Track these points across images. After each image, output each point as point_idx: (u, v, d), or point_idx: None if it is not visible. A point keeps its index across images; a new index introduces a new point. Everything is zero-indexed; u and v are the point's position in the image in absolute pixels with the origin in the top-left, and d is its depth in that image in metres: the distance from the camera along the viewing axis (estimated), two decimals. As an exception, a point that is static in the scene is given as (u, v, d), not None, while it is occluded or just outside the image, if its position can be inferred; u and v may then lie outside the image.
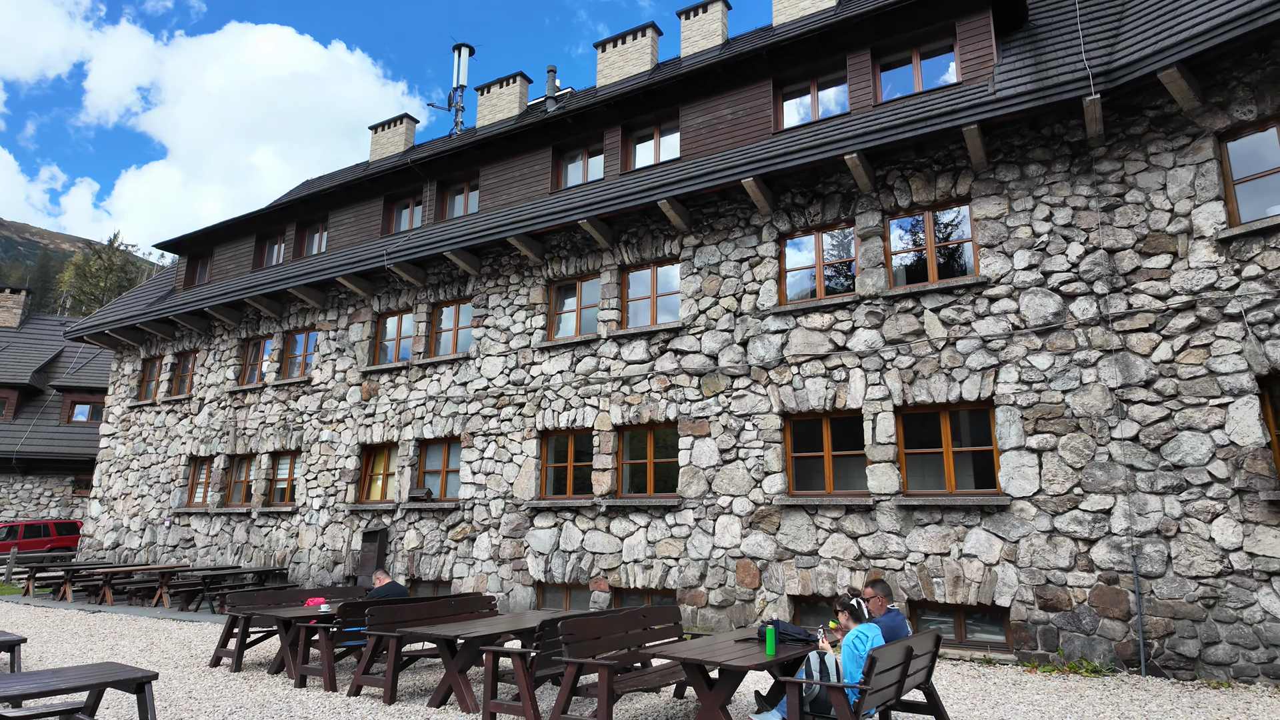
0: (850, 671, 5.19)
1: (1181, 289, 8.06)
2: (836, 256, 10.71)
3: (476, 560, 12.58)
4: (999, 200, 9.39)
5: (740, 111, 11.79)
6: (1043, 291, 8.88)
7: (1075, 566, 8.14)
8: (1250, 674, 7.14)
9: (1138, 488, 7.98)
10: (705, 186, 11.02)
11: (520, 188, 13.90)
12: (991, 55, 9.85)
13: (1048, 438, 8.54)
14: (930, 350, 9.45)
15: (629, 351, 11.84)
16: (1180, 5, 8.50)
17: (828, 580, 9.52)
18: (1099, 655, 7.84)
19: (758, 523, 10.19)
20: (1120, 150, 8.76)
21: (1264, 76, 7.84)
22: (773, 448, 10.29)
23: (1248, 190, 8.00)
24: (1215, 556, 7.47)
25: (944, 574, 8.82)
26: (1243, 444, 7.47)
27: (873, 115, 10.32)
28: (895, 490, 9.30)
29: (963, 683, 7.39)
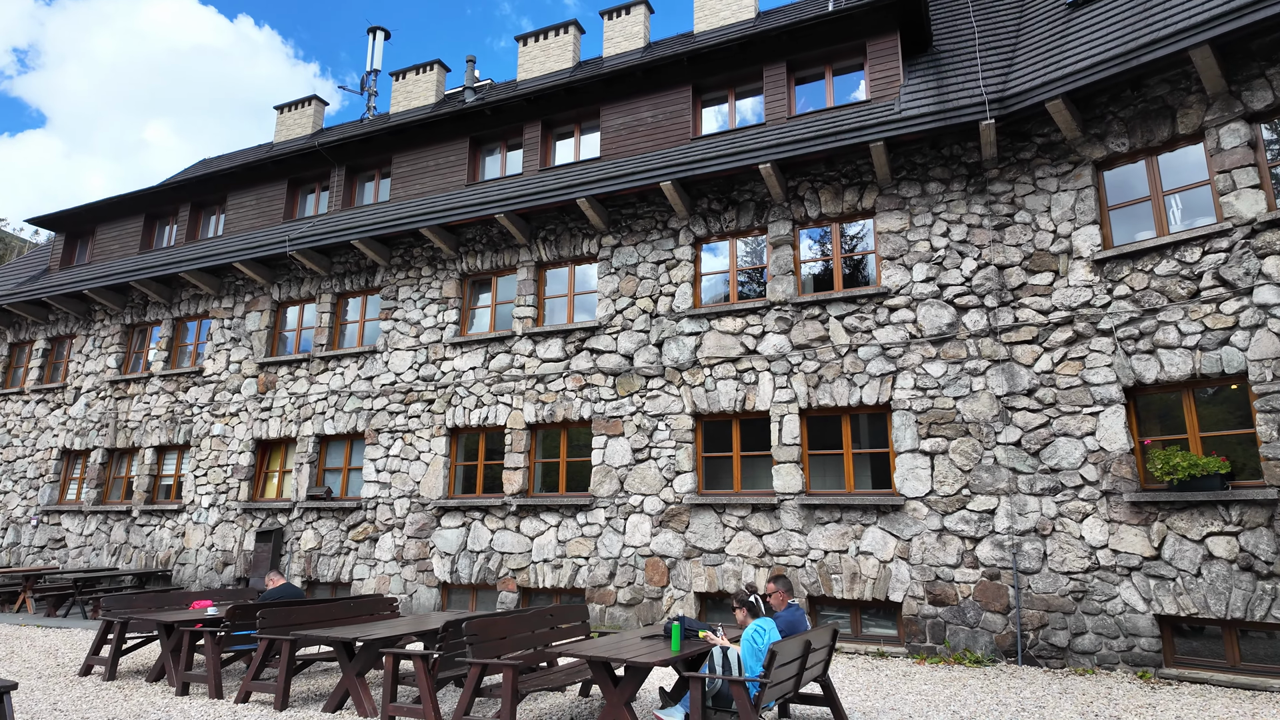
0: (750, 665, 5.33)
1: (1061, 305, 8.69)
2: (750, 263, 10.98)
3: (379, 561, 12.18)
4: (901, 215, 9.86)
5: (660, 115, 11.91)
6: (938, 303, 9.38)
7: (962, 563, 8.64)
8: (1112, 661, 7.78)
9: (1019, 489, 8.56)
10: (625, 187, 11.07)
11: (435, 178, 13.57)
12: (898, 76, 10.34)
13: (939, 441, 9.03)
14: (834, 356, 9.82)
15: (545, 349, 11.75)
16: (1067, 41, 9.17)
17: (733, 577, 9.74)
18: (981, 647, 8.35)
19: (668, 521, 10.31)
20: (1011, 173, 9.36)
21: (1136, 113, 8.55)
22: (684, 448, 10.44)
23: (1120, 216, 8.71)
24: (1085, 554, 8.10)
25: (842, 571, 9.19)
26: (1111, 450, 8.13)
27: (787, 127, 10.64)
28: (799, 490, 9.61)
29: (857, 675, 7.72)
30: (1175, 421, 8.01)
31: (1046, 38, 9.65)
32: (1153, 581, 7.66)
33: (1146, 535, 7.76)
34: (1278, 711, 6.24)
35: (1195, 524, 7.50)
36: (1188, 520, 7.54)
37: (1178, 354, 7.82)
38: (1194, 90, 8.16)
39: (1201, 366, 7.65)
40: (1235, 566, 7.23)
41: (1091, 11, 9.44)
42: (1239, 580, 7.19)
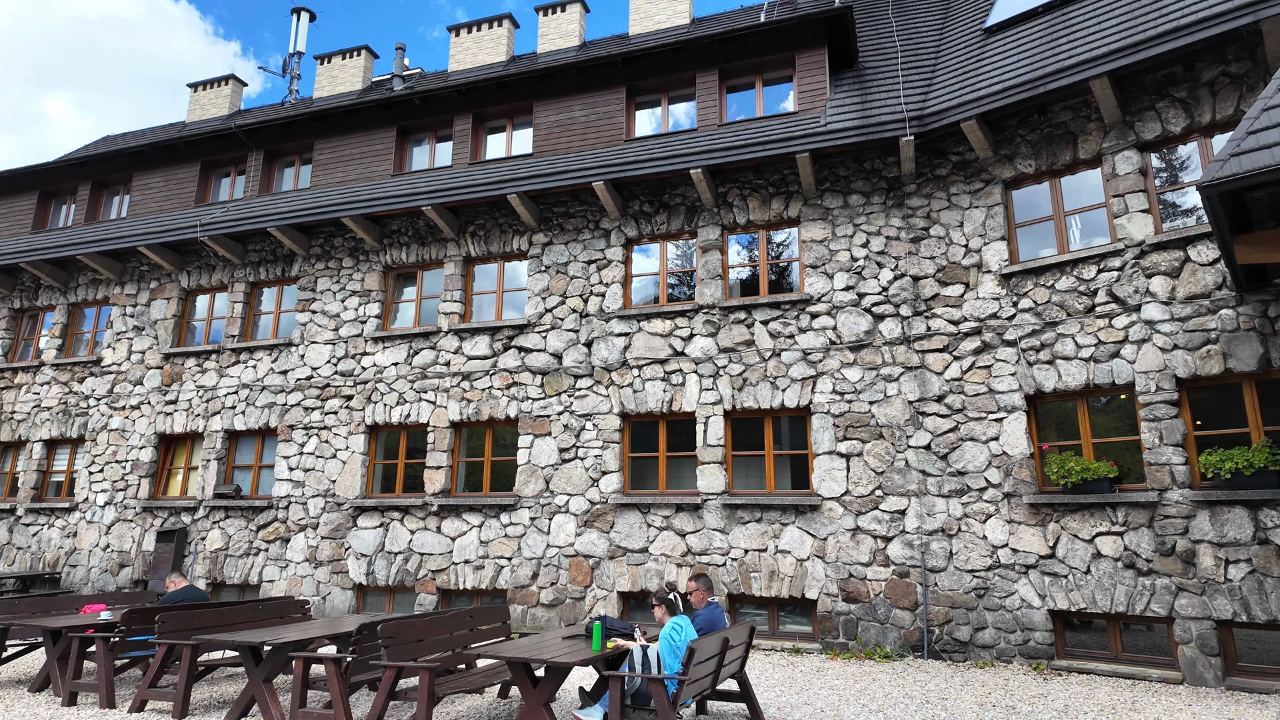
0: (668, 663, 5.40)
1: (970, 316, 9.15)
2: (680, 265, 11.10)
3: (290, 562, 11.73)
4: (824, 225, 10.17)
5: (594, 115, 11.91)
6: (857, 311, 9.72)
7: (874, 562, 8.98)
8: (1009, 654, 8.23)
9: (928, 491, 8.95)
10: (557, 185, 11.02)
11: (359, 166, 13.17)
12: (825, 90, 10.66)
13: (855, 444, 9.36)
14: (759, 360, 10.04)
15: (471, 346, 11.57)
16: (981, 65, 9.65)
17: (656, 576, 9.83)
18: (891, 642, 8.70)
19: (593, 521, 10.32)
20: (928, 189, 9.79)
21: (1042, 137, 9.09)
22: (611, 448, 10.47)
23: (1026, 233, 9.23)
24: (987, 552, 8.54)
25: (761, 569, 9.40)
26: (1012, 454, 8.60)
27: (718, 134, 10.81)
28: (722, 490, 9.78)
29: (773, 671, 7.92)
30: (1071, 428, 8.55)
31: (963, 61, 10.14)
32: (1047, 579, 8.15)
33: (1043, 535, 8.25)
34: (1154, 698, 6.74)
35: (1086, 524, 8.02)
36: (1079, 521, 8.06)
37: (1074, 365, 8.35)
38: (1094, 118, 8.72)
39: (1095, 377, 8.19)
40: (1120, 564, 7.77)
41: (1005, 38, 9.97)
42: (1123, 577, 7.73)
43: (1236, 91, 7.82)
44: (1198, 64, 8.09)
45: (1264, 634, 7.10)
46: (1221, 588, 7.16)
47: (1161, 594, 7.47)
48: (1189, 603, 7.31)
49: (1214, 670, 7.10)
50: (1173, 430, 7.66)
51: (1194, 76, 8.11)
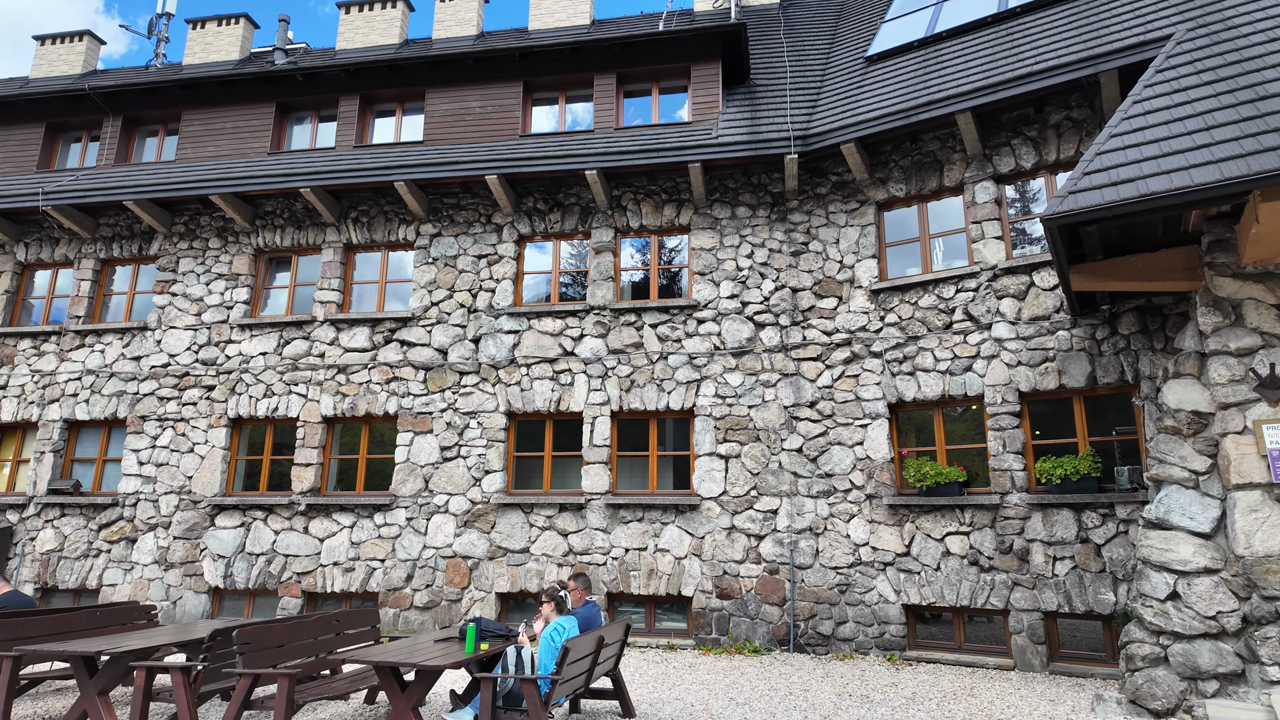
0: (545, 663, 5.41)
1: (842, 328, 9.69)
2: (573, 265, 11.10)
3: (136, 565, 10.81)
4: (713, 234, 10.48)
5: (490, 107, 11.71)
6: (740, 319, 10.08)
7: (747, 559, 9.33)
8: (867, 646, 8.77)
9: (799, 492, 9.40)
10: (448, 175, 10.76)
11: (233, 142, 12.33)
12: (718, 103, 10.98)
13: (734, 446, 9.69)
14: (646, 362, 10.21)
15: (349, 338, 11.09)
16: (862, 92, 10.24)
17: (536, 577, 9.78)
18: (760, 637, 9.06)
19: (473, 521, 10.14)
20: (809, 205, 10.29)
21: (913, 163, 9.75)
22: (496, 446, 10.33)
23: (895, 252, 9.88)
24: (849, 550, 9.07)
25: (640, 567, 9.56)
26: (875, 458, 9.18)
27: (614, 137, 10.91)
28: (606, 490, 9.87)
29: (648, 668, 8.07)
30: (927, 435, 9.22)
31: (846, 86, 10.72)
32: (902, 575, 8.75)
33: (900, 534, 8.85)
34: (990, 684, 7.38)
35: (938, 524, 8.67)
36: (932, 521, 8.71)
37: (932, 377, 9.01)
38: (958, 149, 9.46)
39: (949, 389, 8.88)
40: (965, 561, 8.46)
41: (884, 67, 10.63)
42: (968, 573, 8.41)
43: (1078, 135, 8.71)
44: (1047, 107, 8.94)
45: (1083, 623, 7.93)
46: (1049, 582, 7.94)
47: (1000, 589, 8.19)
48: (1022, 596, 8.06)
49: (1040, 657, 7.86)
50: (1014, 439, 8.42)
51: (1044, 118, 8.96)
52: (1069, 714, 6.16)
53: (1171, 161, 5.77)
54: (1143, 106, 6.64)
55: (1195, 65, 6.91)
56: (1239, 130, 5.76)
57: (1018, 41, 9.31)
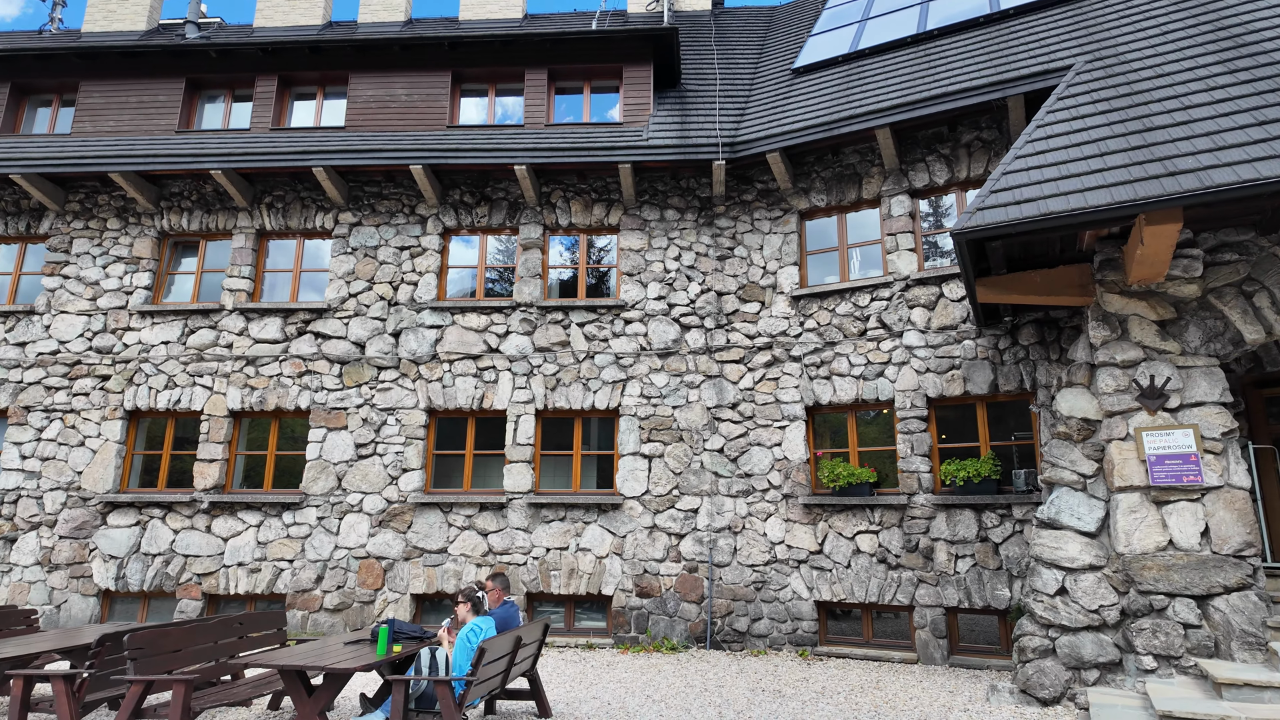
0: (460, 664, 5.32)
1: (764, 332, 9.92)
2: (500, 261, 10.95)
3: (15, 566, 10.03)
4: (641, 235, 10.54)
5: (416, 96, 11.43)
6: (667, 320, 10.18)
7: (667, 558, 9.43)
8: (780, 642, 9.00)
9: (719, 491, 9.57)
10: (371, 163, 10.45)
11: (137, 117, 11.61)
12: (649, 105, 11.06)
13: (658, 446, 9.78)
14: (573, 361, 10.18)
15: (260, 328, 10.60)
16: (788, 103, 10.51)
17: (454, 577, 9.61)
18: (678, 635, 9.18)
19: (389, 521, 9.87)
20: (735, 211, 10.49)
21: (834, 175, 10.08)
22: (414, 444, 10.08)
23: (815, 260, 10.18)
24: (766, 549, 9.29)
25: (561, 567, 9.52)
26: (792, 459, 9.44)
27: (544, 133, 10.83)
28: (528, 489, 9.79)
29: (566, 667, 8.05)
30: (842, 437, 9.54)
31: (773, 96, 10.98)
32: (815, 572, 9.02)
33: (814, 533, 9.13)
34: (895, 677, 7.70)
35: (849, 523, 8.99)
36: (844, 520, 9.02)
37: (847, 381, 9.34)
38: (876, 164, 9.83)
39: (863, 393, 9.22)
40: (874, 559, 8.80)
41: (810, 80, 10.94)
42: (876, 571, 8.75)
43: (987, 155, 9.19)
44: (959, 127, 9.40)
45: (981, 618, 8.38)
46: (952, 579, 8.35)
47: (906, 585, 8.56)
48: (926, 593, 8.44)
49: (942, 650, 8.26)
50: (922, 442, 8.81)
51: (956, 138, 9.42)
52: (966, 704, 6.50)
53: (1069, 184, 6.17)
54: (1044, 131, 7.07)
55: (1092, 95, 7.41)
56: (1128, 158, 6.21)
57: (934, 63, 9.76)
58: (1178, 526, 6.06)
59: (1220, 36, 7.57)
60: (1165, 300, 6.45)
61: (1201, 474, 6.04)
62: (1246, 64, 6.92)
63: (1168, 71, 7.32)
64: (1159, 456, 6.17)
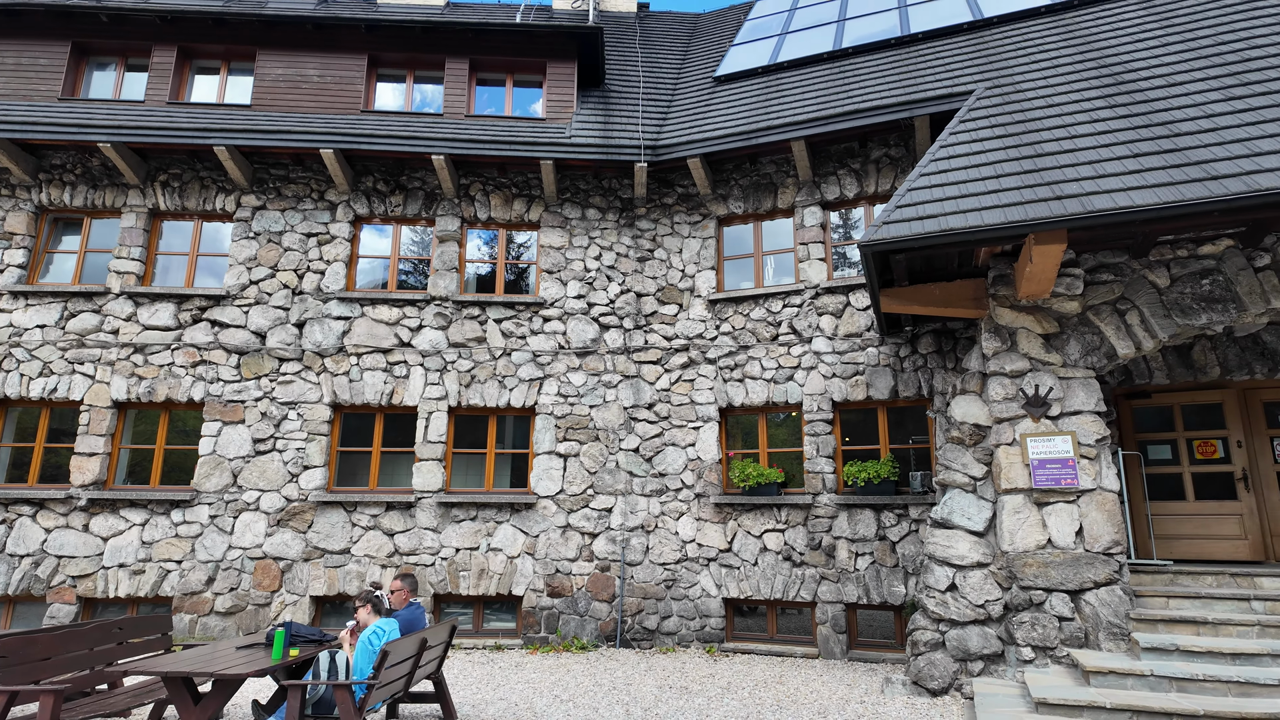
0: (362, 668, 5.15)
1: (681, 334, 10.06)
2: (415, 253, 10.66)
3: None
4: (563, 233, 10.49)
5: (330, 78, 10.99)
6: (586, 319, 10.17)
7: (580, 557, 9.42)
8: (689, 639, 9.15)
9: (633, 490, 9.64)
10: (279, 145, 9.98)
11: (14, 80, 10.67)
12: (573, 103, 11.02)
13: (574, 445, 9.76)
14: (489, 358, 10.02)
15: (150, 314, 9.94)
16: (709, 110, 10.70)
17: (357, 579, 9.29)
18: (588, 634, 9.18)
19: (288, 520, 9.44)
20: (656, 214, 10.59)
21: (752, 183, 10.32)
22: (317, 440, 9.69)
23: (732, 266, 10.40)
24: (677, 547, 9.42)
25: (471, 567, 9.36)
26: (705, 459, 9.61)
27: (464, 124, 10.62)
28: (439, 488, 9.57)
29: (473, 669, 7.92)
30: (752, 438, 9.79)
31: (695, 102, 11.15)
32: (724, 570, 9.22)
33: (724, 531, 9.32)
34: (797, 671, 7.96)
35: (758, 522, 9.23)
36: (752, 519, 9.25)
37: (759, 384, 9.59)
38: (791, 174, 10.13)
39: (773, 396, 9.48)
40: (780, 557, 9.07)
41: (731, 89, 11.17)
42: (782, 568, 9.03)
43: (894, 171, 9.63)
44: (870, 143, 9.81)
45: (878, 613, 8.77)
46: (852, 576, 8.70)
47: (809, 582, 8.86)
48: (828, 589, 8.76)
49: (841, 645, 8.59)
50: (827, 444, 9.15)
51: (866, 153, 9.82)
52: (862, 696, 6.79)
53: (967, 203, 6.55)
54: (947, 152, 7.47)
55: (990, 120, 7.89)
56: (1020, 181, 6.64)
57: (848, 80, 10.15)
58: (1056, 526, 6.53)
59: (1103, 73, 8.21)
60: (1050, 315, 6.94)
61: (1078, 478, 6.53)
62: (1124, 100, 7.53)
63: (1057, 102, 7.88)
64: (1041, 461, 6.63)
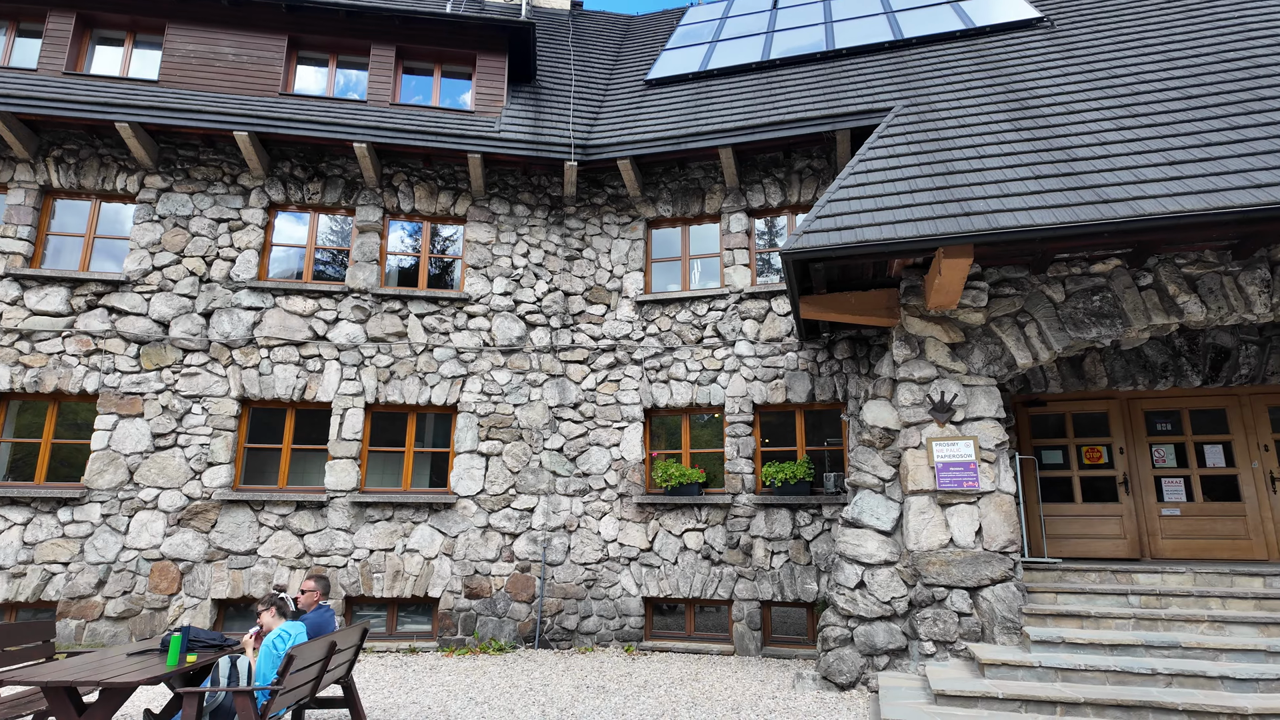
0: (265, 673, 4.96)
1: (609, 335, 10.08)
2: (334, 243, 10.30)
3: None
4: (490, 229, 10.35)
5: (246, 57, 10.50)
6: (512, 317, 10.07)
7: (500, 558, 9.32)
8: (608, 639, 9.18)
9: (556, 490, 9.60)
10: (189, 125, 9.47)
11: (-117, 39, 9.75)
12: (502, 97, 10.88)
13: (497, 444, 9.64)
14: (410, 353, 9.79)
15: (39, 299, 9.27)
16: (640, 112, 10.77)
17: (263, 580, 8.91)
18: (506, 635, 9.09)
19: (189, 520, 8.97)
20: (585, 214, 10.58)
21: (681, 188, 10.44)
22: (223, 435, 9.24)
23: (660, 268, 10.50)
24: (599, 547, 9.44)
25: (386, 569, 9.12)
26: (629, 459, 9.66)
27: (390, 112, 10.34)
28: (353, 487, 9.28)
29: (385, 672, 7.72)
30: (676, 439, 9.91)
31: (626, 103, 11.20)
32: (645, 569, 9.29)
33: (645, 531, 9.40)
34: (713, 668, 8.10)
35: (679, 522, 9.34)
36: (674, 519, 9.36)
37: (683, 386, 9.71)
38: (719, 181, 10.30)
39: (697, 397, 9.62)
40: (700, 556, 9.21)
41: (662, 93, 11.27)
42: (701, 567, 9.17)
43: (816, 182, 9.92)
44: (794, 154, 10.08)
45: (791, 610, 9.02)
46: (768, 574, 8.92)
47: (727, 580, 9.03)
48: (745, 587, 8.96)
49: (756, 641, 8.80)
50: (747, 445, 9.35)
51: (790, 164, 10.09)
52: (774, 692, 6.97)
53: (883, 216, 6.81)
54: (865, 165, 7.76)
55: (906, 137, 8.24)
56: (932, 197, 6.96)
57: (775, 91, 10.40)
58: (958, 526, 6.87)
59: (1010, 98, 8.69)
60: (956, 326, 7.30)
61: (979, 480, 6.89)
62: (1029, 124, 7.99)
63: (968, 123, 8.30)
64: (945, 464, 6.96)
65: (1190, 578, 6.97)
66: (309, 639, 5.19)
